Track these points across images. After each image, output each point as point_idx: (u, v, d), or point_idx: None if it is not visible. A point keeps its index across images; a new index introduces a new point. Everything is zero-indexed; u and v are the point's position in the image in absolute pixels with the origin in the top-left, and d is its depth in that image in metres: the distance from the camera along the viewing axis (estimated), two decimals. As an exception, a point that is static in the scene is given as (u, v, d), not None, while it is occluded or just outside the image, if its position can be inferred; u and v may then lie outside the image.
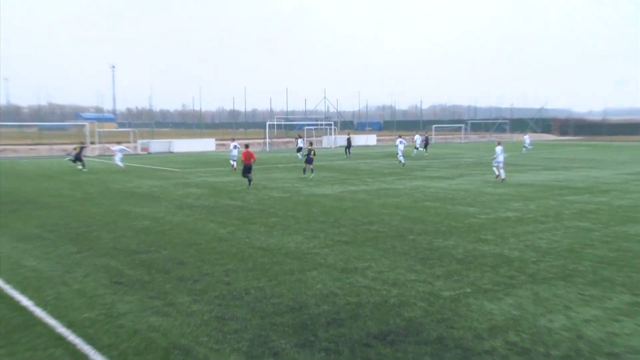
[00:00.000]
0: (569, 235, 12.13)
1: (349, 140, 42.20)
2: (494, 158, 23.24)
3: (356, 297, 7.98)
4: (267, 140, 53.65)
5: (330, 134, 58.66)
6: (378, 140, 67.96)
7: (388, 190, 20.32)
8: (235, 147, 31.36)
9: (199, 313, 7.30)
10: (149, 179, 25.02)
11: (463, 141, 72.74)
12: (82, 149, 30.49)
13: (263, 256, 10.33)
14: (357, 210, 15.53)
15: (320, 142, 50.83)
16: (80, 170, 29.09)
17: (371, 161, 36.29)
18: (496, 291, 8.18)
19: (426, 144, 45.80)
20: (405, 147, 28.21)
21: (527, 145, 46.42)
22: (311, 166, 25.36)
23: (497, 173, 22.81)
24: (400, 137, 35.15)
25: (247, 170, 21.27)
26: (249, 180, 21.42)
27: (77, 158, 30.01)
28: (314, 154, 25.90)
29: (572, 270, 9.31)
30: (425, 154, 42.07)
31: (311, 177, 24.57)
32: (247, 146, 22.24)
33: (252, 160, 21.04)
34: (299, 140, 40.88)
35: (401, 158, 32.25)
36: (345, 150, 40.74)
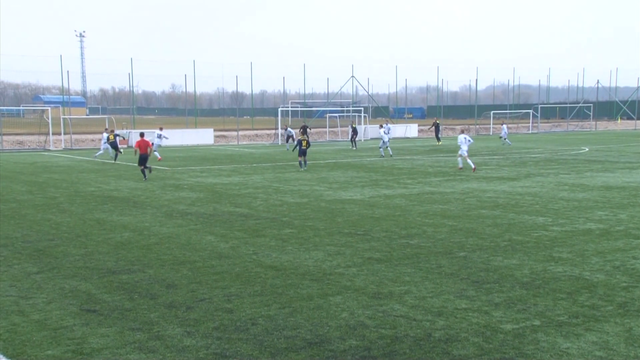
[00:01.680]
0: (671, 253, 12.01)
1: (354, 130, 47.07)
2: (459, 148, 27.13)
3: (391, 329, 8.05)
4: (280, 130, 53.89)
5: (361, 122, 58.72)
6: (420, 131, 67.95)
7: (433, 194, 20.38)
8: (159, 136, 36.28)
9: (193, 349, 7.46)
10: (130, 180, 25.45)
11: (531, 131, 72.18)
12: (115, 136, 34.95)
13: (274, 277, 10.48)
14: (393, 220, 15.62)
15: (347, 133, 51.02)
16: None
17: (411, 158, 36.32)
18: (574, 325, 8.17)
19: (437, 131, 50.37)
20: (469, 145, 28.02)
21: (503, 136, 48.17)
22: (305, 158, 29.05)
23: (460, 165, 27.23)
24: (386, 124, 38.08)
25: (142, 161, 24.69)
26: (144, 173, 24.84)
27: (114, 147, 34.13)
28: (307, 145, 29.08)
29: (675, 298, 9.23)
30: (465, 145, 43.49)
31: (304, 169, 28.40)
32: (142, 135, 26.13)
33: (148, 150, 24.86)
34: (289, 130, 45.72)
35: (382, 151, 35.31)
36: (352, 142, 45.76)
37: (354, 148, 44.65)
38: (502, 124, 53.06)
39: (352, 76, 69.35)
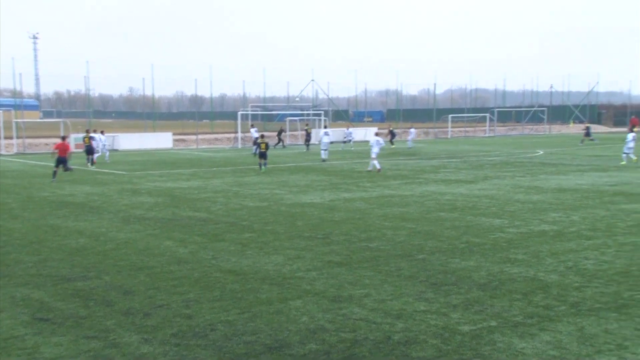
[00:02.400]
0: (624, 254, 12.34)
1: (308, 134, 48.89)
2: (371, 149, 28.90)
3: (351, 333, 8.07)
4: (239, 134, 53.66)
5: (321, 126, 58.84)
6: (379, 135, 68.35)
7: (392, 197, 20.54)
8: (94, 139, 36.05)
9: (151, 356, 7.35)
10: (85, 185, 25.01)
11: (488, 135, 73.39)
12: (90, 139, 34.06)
13: (234, 282, 10.42)
14: (353, 223, 15.68)
15: (309, 136, 51.20)
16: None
17: (370, 161, 36.49)
18: (529, 325, 8.31)
19: (392, 136, 51.19)
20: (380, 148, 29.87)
21: (409, 140, 50.03)
22: (265, 160, 29.77)
23: (369, 168, 28.59)
24: (347, 128, 38.87)
25: (59, 162, 26.03)
26: (55, 174, 26.00)
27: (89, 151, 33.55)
28: (266, 147, 29.85)
29: (628, 299, 9.48)
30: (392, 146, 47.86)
31: (263, 170, 29.33)
32: (63, 138, 27.83)
33: (67, 153, 26.20)
34: (252, 130, 45.73)
35: (324, 155, 36.24)
36: (306, 145, 47.61)
37: (306, 150, 45.77)
38: (410, 128, 53.60)
39: (312, 80, 69.62)
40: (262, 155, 29.86)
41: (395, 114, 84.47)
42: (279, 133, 52.82)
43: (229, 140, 58.62)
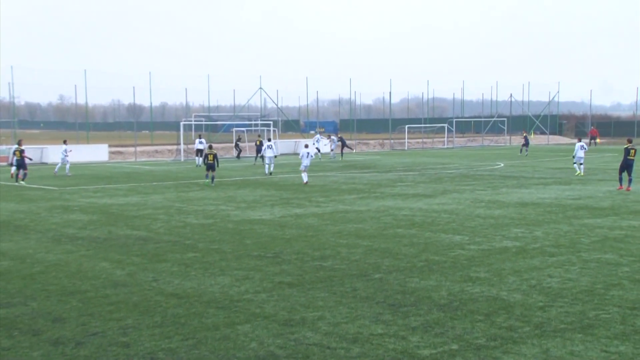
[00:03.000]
0: (588, 271, 12.64)
1: (258, 146, 48.12)
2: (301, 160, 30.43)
3: (304, 359, 8.02)
4: (182, 145, 53.17)
5: (271, 137, 58.81)
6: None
7: (347, 213, 20.61)
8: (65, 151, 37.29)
9: (83, 389, 7.13)
10: (10, 201, 24.36)
11: (447, 146, 74.58)
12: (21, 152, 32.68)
13: (176, 306, 10.27)
14: (305, 241, 15.70)
15: (260, 147, 51.19)
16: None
17: (324, 174, 36.62)
18: (492, 348, 8.40)
19: (343, 145, 52.27)
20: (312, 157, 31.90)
21: (331, 150, 51.78)
22: (213, 173, 29.91)
23: (304, 180, 29.88)
24: (269, 140, 40.77)
25: None
26: None
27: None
28: (214, 159, 30.04)
29: (593, 318, 9.69)
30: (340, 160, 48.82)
31: (206, 182, 29.75)
32: None
33: None
34: (197, 141, 46.14)
35: (268, 169, 35.89)
36: (256, 158, 46.95)
37: (254, 163, 45.77)
38: (331, 137, 54.75)
39: (260, 88, 69.32)
40: (210, 167, 29.92)
41: (349, 124, 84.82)
42: (237, 144, 53.16)
43: (171, 153, 57.99)
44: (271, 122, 61.39)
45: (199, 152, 45.18)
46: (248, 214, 20.50)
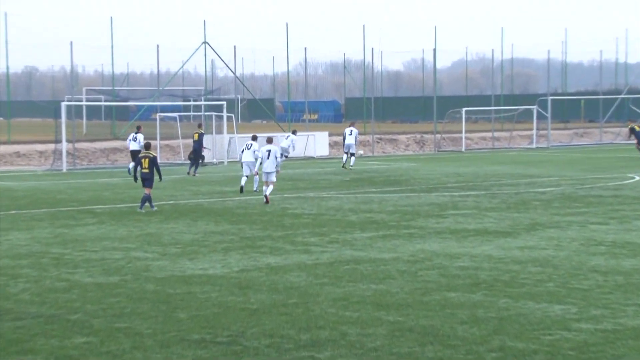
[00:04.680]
0: None
1: (195, 149, 34.88)
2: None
3: None
4: (64, 144, 36.06)
5: (218, 130, 36.99)
6: (335, 143, 46.27)
7: (358, 263, 15.04)
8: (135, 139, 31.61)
9: None
10: None
11: (536, 145, 50.58)
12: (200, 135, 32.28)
13: None
14: (286, 315, 11.33)
15: (200, 146, 33.40)
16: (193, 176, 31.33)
17: (318, 195, 27.85)
18: None
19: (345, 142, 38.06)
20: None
21: (288, 146, 36.57)
22: (148, 191, 21.33)
23: (265, 191, 23.92)
24: (292, 132, 35.58)
25: None
26: None
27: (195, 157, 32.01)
28: (150, 166, 21.21)
29: None
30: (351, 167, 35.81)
31: (143, 210, 21.66)
32: None
33: None
34: (130, 137, 34.03)
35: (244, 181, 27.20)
36: (191, 164, 33.77)
37: (194, 175, 32.38)
38: (292, 132, 38.85)
39: (205, 42, 46.20)
40: (145, 180, 21.36)
41: (361, 105, 54.23)
42: (199, 141, 35.92)
43: (44, 157, 42.59)
44: (224, 103, 44.28)
45: (135, 154, 31.63)
46: (182, 266, 14.79)
